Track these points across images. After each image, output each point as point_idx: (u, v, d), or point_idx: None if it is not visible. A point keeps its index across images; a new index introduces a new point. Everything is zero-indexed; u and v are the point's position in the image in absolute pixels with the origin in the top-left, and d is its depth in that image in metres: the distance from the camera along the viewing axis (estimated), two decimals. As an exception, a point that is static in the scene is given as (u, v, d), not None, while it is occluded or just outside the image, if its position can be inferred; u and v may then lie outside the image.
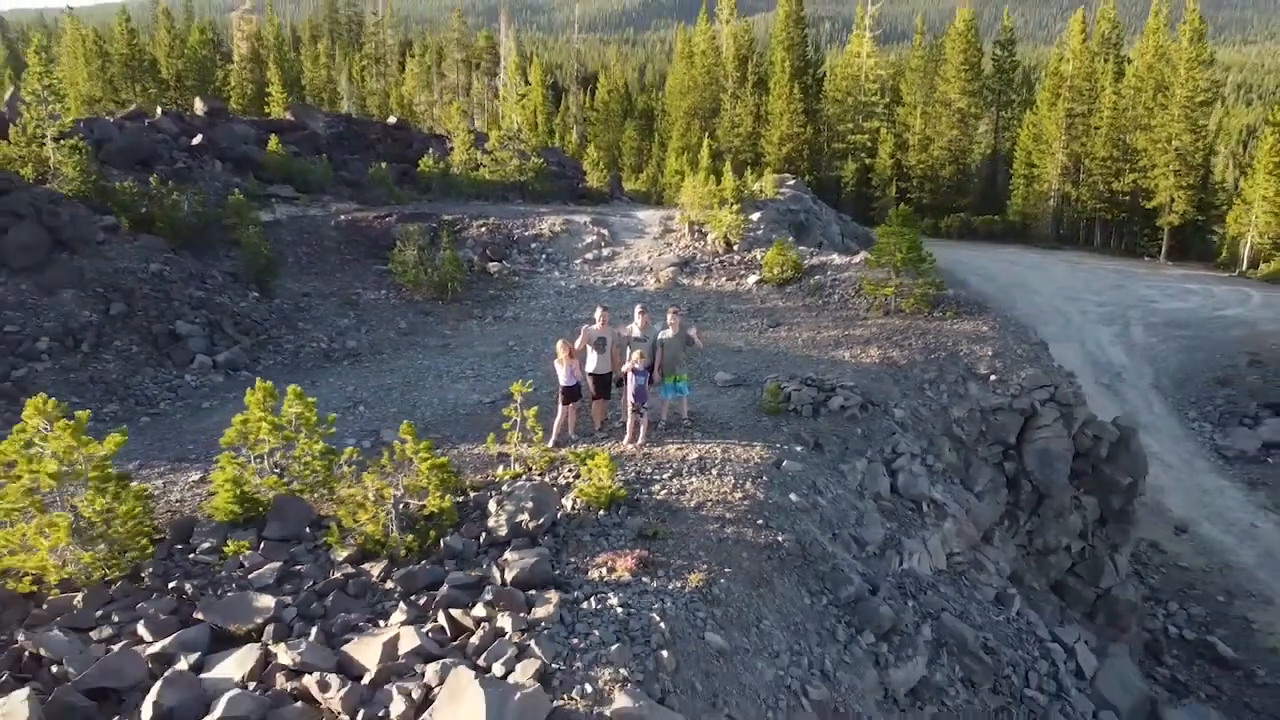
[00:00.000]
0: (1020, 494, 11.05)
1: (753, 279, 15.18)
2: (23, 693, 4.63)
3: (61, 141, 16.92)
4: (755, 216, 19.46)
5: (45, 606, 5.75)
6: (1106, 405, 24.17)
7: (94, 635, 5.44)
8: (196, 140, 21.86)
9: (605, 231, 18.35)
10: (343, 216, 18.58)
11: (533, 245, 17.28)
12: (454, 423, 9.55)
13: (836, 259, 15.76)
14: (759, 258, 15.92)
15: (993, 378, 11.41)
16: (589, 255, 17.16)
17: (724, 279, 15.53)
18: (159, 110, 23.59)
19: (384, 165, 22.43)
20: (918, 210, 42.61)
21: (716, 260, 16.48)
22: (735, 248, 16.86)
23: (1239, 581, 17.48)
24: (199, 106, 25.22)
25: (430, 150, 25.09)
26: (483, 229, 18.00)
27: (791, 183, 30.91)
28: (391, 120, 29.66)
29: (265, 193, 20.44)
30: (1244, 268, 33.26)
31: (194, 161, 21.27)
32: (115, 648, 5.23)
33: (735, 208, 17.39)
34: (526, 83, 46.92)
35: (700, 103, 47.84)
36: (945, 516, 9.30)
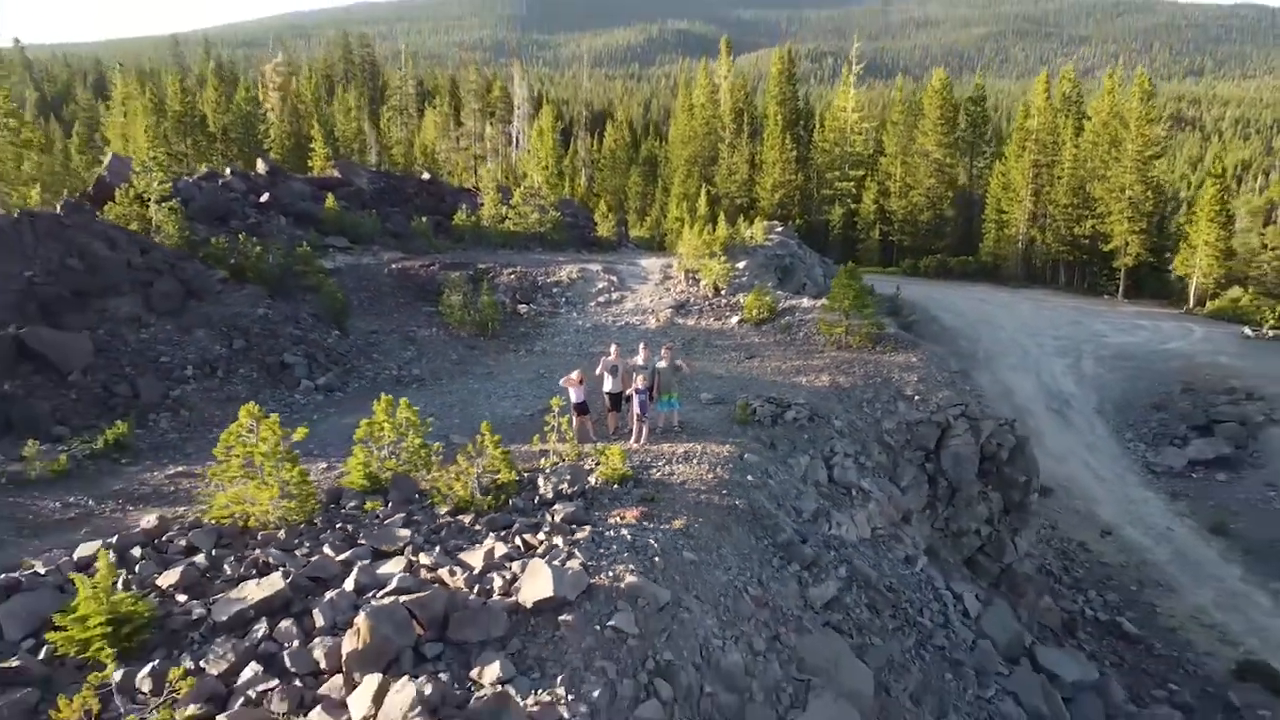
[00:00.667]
0: (938, 489, 14.11)
1: (735, 319, 18.42)
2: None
3: (163, 204, 20.45)
4: (741, 264, 22.79)
5: (260, 537, 8.88)
6: (1056, 429, 27.37)
7: (296, 554, 8.56)
8: (264, 198, 25.38)
9: (614, 278, 21.67)
10: (393, 265, 21.95)
11: (554, 290, 20.60)
12: (503, 430, 12.62)
13: (804, 302, 19.01)
14: (741, 301, 19.17)
15: (917, 398, 14.55)
16: (601, 299, 20.45)
17: (712, 319, 18.79)
18: (229, 171, 27.12)
19: (424, 219, 25.91)
20: (899, 251, 46.17)
21: (706, 303, 19.75)
22: (723, 292, 20.13)
23: (1150, 574, 20.50)
24: (260, 166, 28.80)
25: (461, 204, 28.59)
26: (512, 276, 21.33)
27: (780, 229, 34.41)
28: (425, 176, 33.28)
29: (324, 244, 23.87)
30: (1191, 305, 36.46)
31: (262, 217, 24.76)
32: (314, 559, 8.35)
33: (723, 259, 20.70)
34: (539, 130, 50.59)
35: (700, 151, 51.61)
36: (870, 500, 12.39)
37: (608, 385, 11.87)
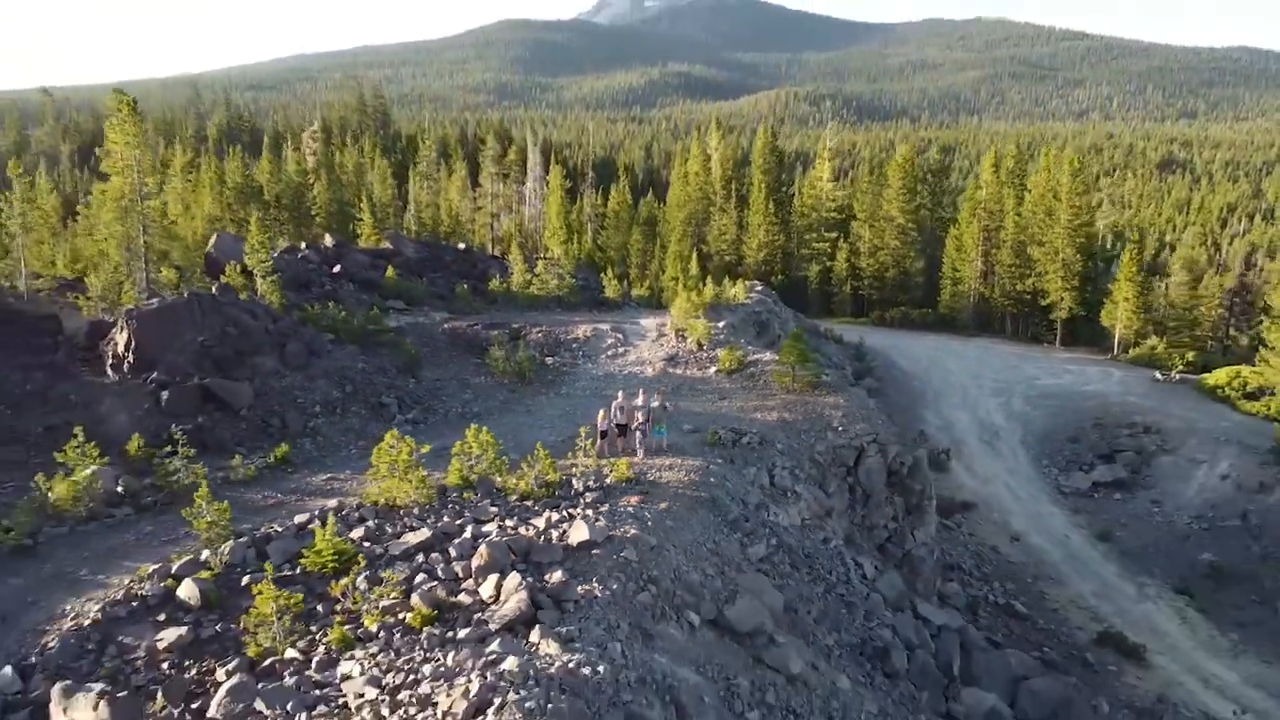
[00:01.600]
0: (855, 494, 19.24)
1: (713, 369, 23.75)
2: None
3: (267, 277, 25.97)
4: (721, 323, 28.19)
5: (401, 512, 14.05)
6: (985, 456, 32.51)
7: (428, 521, 13.72)
8: (336, 269, 30.95)
9: (620, 335, 27.07)
10: (445, 325, 27.38)
11: (573, 345, 25.98)
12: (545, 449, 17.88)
13: (766, 356, 24.35)
14: (718, 355, 24.51)
15: (840, 429, 19.76)
16: (609, 352, 25.82)
17: (695, 369, 24.12)
18: (304, 245, 32.74)
19: (464, 285, 31.46)
20: (868, 303, 51.69)
21: (691, 356, 25.10)
22: (704, 347, 25.49)
23: (1045, 571, 25.50)
24: (328, 240, 34.48)
25: (491, 269, 34.20)
26: (539, 334, 26.74)
27: (759, 288, 40.07)
28: (461, 246, 39.01)
29: (385, 306, 29.35)
30: (1116, 352, 41.82)
31: (335, 284, 30.28)
32: (440, 524, 13.51)
33: (705, 323, 26.12)
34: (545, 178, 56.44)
35: (694, 213, 57.58)
36: (801, 500, 17.53)
37: (617, 419, 17.13)
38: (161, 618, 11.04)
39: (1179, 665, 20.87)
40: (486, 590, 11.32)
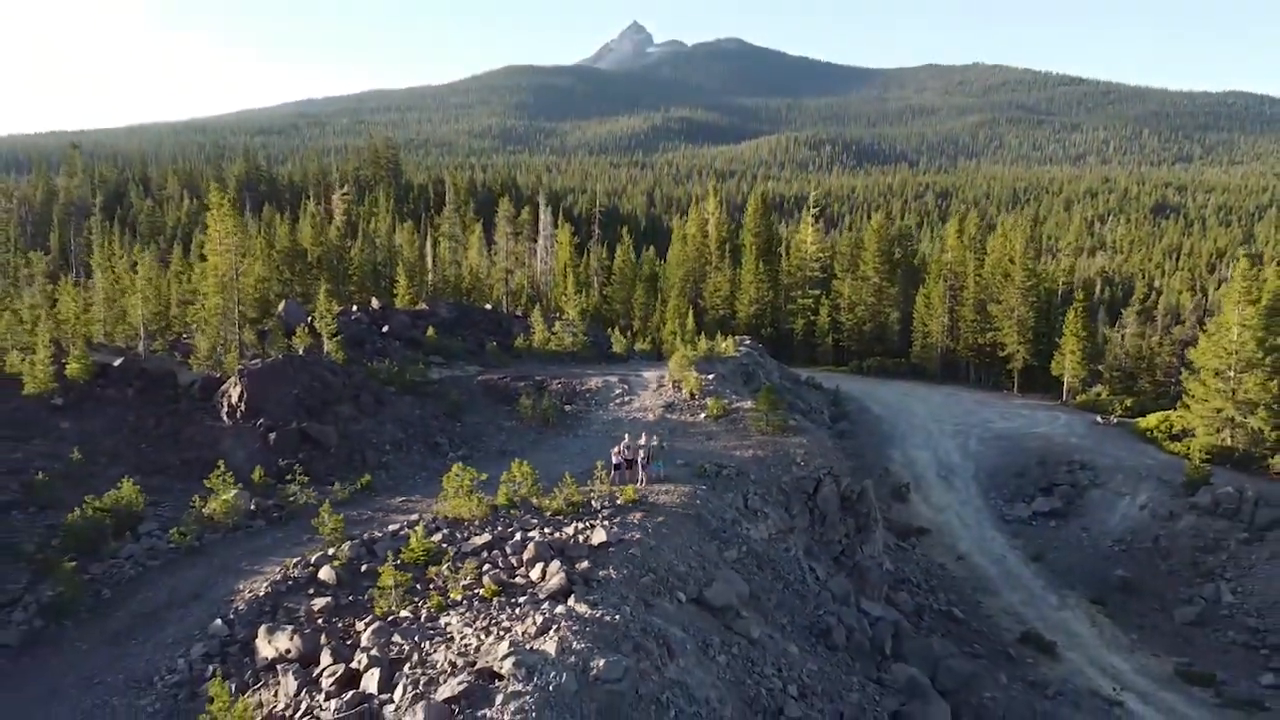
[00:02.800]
0: (814, 515, 23.82)
1: (703, 415, 28.54)
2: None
3: (334, 338, 30.97)
4: (711, 376, 33.04)
5: (465, 523, 18.72)
6: (941, 489, 37.02)
7: (486, 530, 18.40)
8: (385, 329, 36.01)
9: (626, 386, 31.94)
10: (479, 378, 32.27)
11: (587, 395, 30.83)
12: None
13: (746, 404, 29.14)
14: (707, 403, 29.33)
15: (803, 463, 24.45)
16: (617, 401, 30.65)
17: (688, 415, 28.92)
18: (355, 308, 37.83)
19: (493, 342, 36.47)
20: (848, 353, 56.59)
21: (685, 404, 29.92)
22: (696, 397, 30.31)
23: (983, 584, 29.87)
24: (374, 302, 39.61)
25: (516, 329, 39.24)
26: (558, 385, 31.61)
27: (748, 341, 45.03)
28: (488, 306, 44.20)
29: (427, 361, 34.31)
30: (1065, 399, 46.55)
31: (384, 342, 35.28)
32: (496, 531, 18.19)
33: (697, 375, 31.01)
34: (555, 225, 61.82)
35: (691, 271, 62.90)
36: (768, 518, 22.14)
37: (626, 455, 21.90)
38: (310, 591, 15.73)
39: (1084, 658, 25.21)
40: (535, 574, 15.98)
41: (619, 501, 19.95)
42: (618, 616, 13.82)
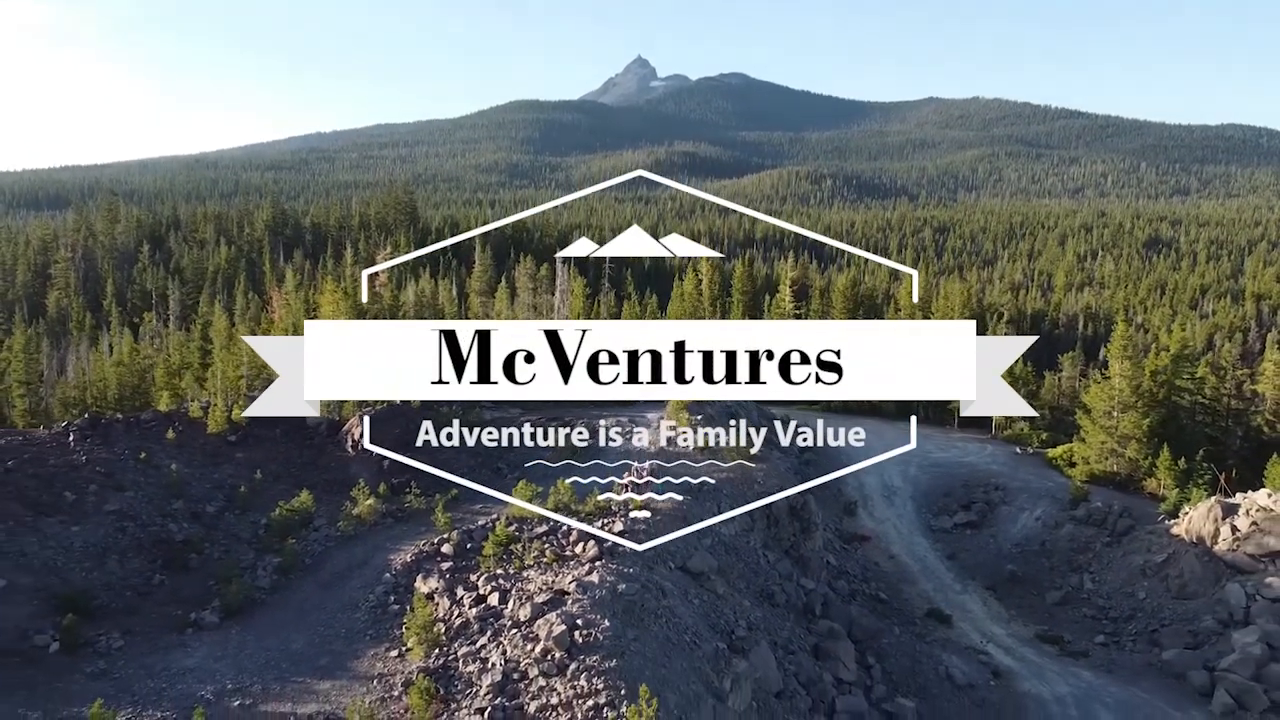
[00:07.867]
0: (769, 520, 32.38)
1: (692, 448, 37.32)
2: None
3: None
4: (699, 416, 41.90)
5: (528, 521, 27.39)
6: (883, 506, 45.52)
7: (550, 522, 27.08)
8: (445, 380, 45.02)
9: (633, 426, 40.82)
10: (521, 418, 41.10)
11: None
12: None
13: (727, 440, 37.86)
14: (696, 438, 38.04)
15: (762, 481, 33.11)
16: (627, 436, 39.46)
17: (680, 448, 37.70)
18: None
19: (529, 390, 45.37)
20: (820, 395, 65.37)
21: (680, 440, 38.70)
22: (688, 434, 39.10)
23: (906, 576, 38.26)
24: (433, 358, 48.60)
25: (545, 378, 48.22)
26: (581, 424, 40.42)
27: (732, 387, 53.68)
28: (521, 359, 53.20)
29: (480, 405, 43.15)
30: (994, 433, 55.14)
31: (445, 390, 44.23)
32: (550, 523, 26.87)
33: (689, 416, 39.84)
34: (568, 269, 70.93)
35: (688, 324, 71.94)
36: (735, 520, 30.73)
37: (634, 477, 30.63)
38: (439, 559, 24.45)
39: (971, 627, 33.53)
40: (579, 550, 24.68)
41: (630, 508, 28.65)
42: (631, 570, 22.54)
